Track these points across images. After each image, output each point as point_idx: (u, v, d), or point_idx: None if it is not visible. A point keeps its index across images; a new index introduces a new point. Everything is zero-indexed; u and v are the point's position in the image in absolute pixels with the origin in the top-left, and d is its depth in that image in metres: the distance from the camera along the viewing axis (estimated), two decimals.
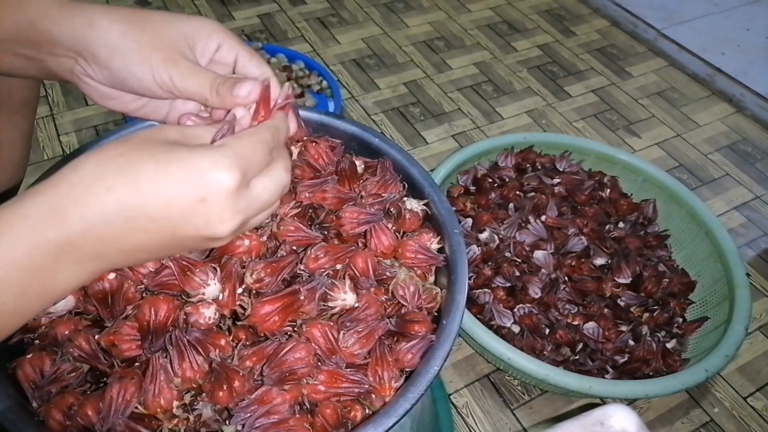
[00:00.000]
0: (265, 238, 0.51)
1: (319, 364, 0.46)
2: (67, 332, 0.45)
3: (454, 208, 0.91)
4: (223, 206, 0.33)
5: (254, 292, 0.48)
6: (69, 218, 0.30)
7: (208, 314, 0.45)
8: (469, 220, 1.06)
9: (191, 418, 0.43)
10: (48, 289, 0.31)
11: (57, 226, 0.30)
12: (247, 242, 0.49)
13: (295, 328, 0.47)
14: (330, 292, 0.48)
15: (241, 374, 0.43)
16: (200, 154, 0.32)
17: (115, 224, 0.31)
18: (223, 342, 0.45)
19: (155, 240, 0.33)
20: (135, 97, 0.43)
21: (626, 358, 0.94)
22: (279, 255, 0.50)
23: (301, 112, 0.62)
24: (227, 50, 0.42)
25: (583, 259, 1.01)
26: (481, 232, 1.03)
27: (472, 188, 1.13)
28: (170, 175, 0.31)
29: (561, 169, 1.16)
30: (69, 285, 0.32)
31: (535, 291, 0.96)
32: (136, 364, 0.45)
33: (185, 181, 0.31)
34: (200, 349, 0.43)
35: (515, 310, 0.95)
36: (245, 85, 0.38)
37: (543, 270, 0.99)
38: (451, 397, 0.97)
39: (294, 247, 0.51)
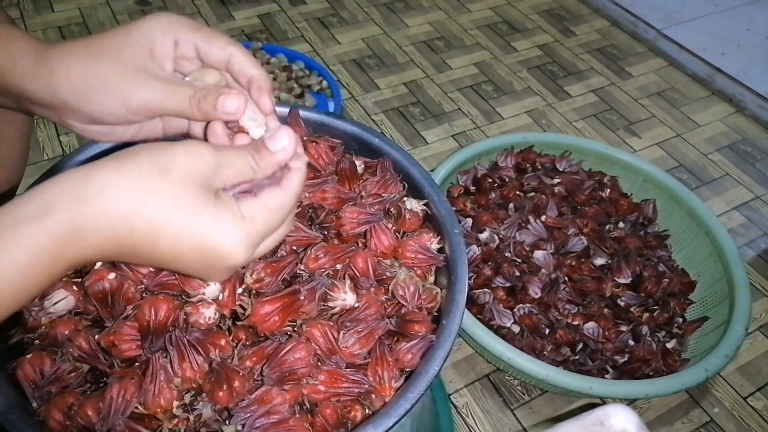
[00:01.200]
0: None
1: (319, 364, 0.46)
2: (67, 332, 0.45)
3: (454, 208, 0.91)
4: (225, 272, 0.36)
5: (254, 292, 0.48)
6: (87, 243, 0.31)
7: (208, 314, 0.45)
8: (469, 220, 1.06)
9: (191, 418, 0.43)
10: (38, 284, 0.32)
11: (76, 249, 0.31)
12: None
13: (295, 328, 0.47)
14: (330, 292, 0.48)
15: (241, 374, 0.43)
16: (222, 228, 0.33)
17: (123, 254, 0.33)
18: (223, 342, 0.45)
19: (154, 266, 0.36)
20: (126, 127, 0.41)
21: (626, 358, 0.94)
22: (279, 255, 0.50)
23: (301, 112, 0.62)
24: (185, 43, 0.39)
25: (583, 259, 1.01)
26: (481, 232, 1.03)
27: (472, 188, 1.13)
28: (189, 241, 0.33)
29: (561, 169, 1.16)
30: (58, 277, 0.33)
31: (535, 291, 0.96)
32: (136, 364, 0.45)
33: (202, 253, 0.34)
34: (200, 349, 0.43)
35: (515, 310, 0.95)
36: (230, 101, 0.37)
37: (543, 270, 0.99)
38: (451, 397, 0.97)
39: (294, 247, 0.51)
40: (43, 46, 0.38)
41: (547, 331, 0.95)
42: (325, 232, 0.54)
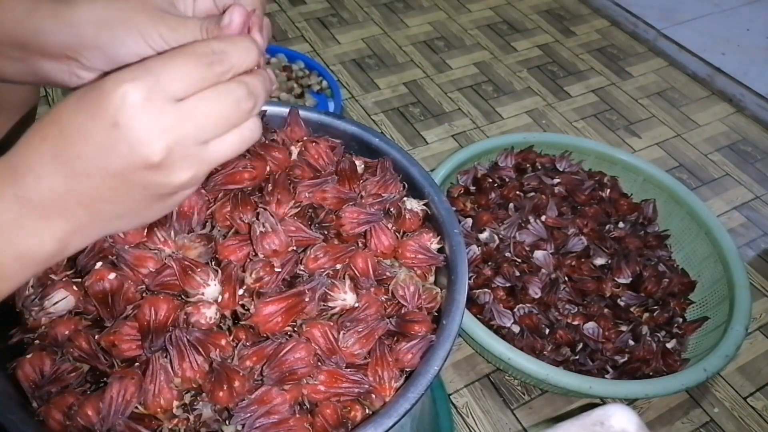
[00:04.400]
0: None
1: (319, 364, 0.46)
2: (67, 332, 0.45)
3: (454, 208, 0.91)
4: (138, 124, 0.29)
5: (256, 292, 0.48)
6: (20, 172, 0.31)
7: (209, 314, 0.45)
8: (469, 220, 1.06)
9: (191, 418, 0.43)
10: (22, 249, 0.31)
11: (12, 182, 0.31)
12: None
13: (295, 328, 0.47)
14: (330, 292, 0.48)
15: (241, 374, 0.43)
16: (108, 77, 0.31)
17: (58, 173, 0.31)
18: (223, 342, 0.45)
19: (104, 185, 0.31)
20: None
21: (626, 358, 0.94)
22: None
23: (301, 112, 0.62)
24: None
25: (583, 259, 1.02)
26: (481, 232, 1.03)
27: (472, 188, 1.13)
28: (84, 109, 0.30)
29: (561, 169, 1.16)
30: (45, 244, 0.32)
31: (535, 291, 0.96)
32: (136, 364, 0.45)
33: (94, 109, 0.30)
34: (200, 349, 0.43)
35: (515, 310, 0.95)
36: (227, 14, 0.36)
37: (543, 270, 0.99)
38: (451, 397, 0.97)
39: (294, 247, 0.51)
40: None
41: (547, 331, 0.95)
42: (325, 232, 0.54)
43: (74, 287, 0.47)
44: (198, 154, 0.32)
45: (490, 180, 1.11)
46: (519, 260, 1.00)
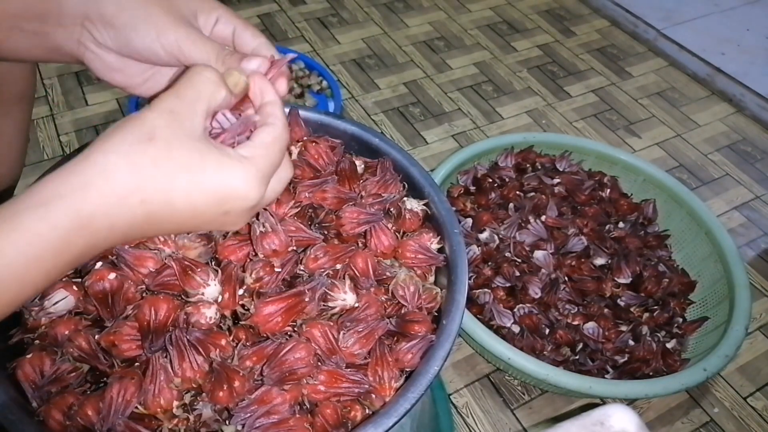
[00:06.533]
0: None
1: (319, 364, 0.46)
2: (67, 332, 0.45)
3: (454, 208, 0.91)
4: (243, 217, 0.36)
5: (256, 292, 0.48)
6: (97, 226, 0.31)
7: (209, 314, 0.45)
8: (469, 220, 1.06)
9: (191, 418, 0.43)
10: (58, 260, 0.32)
11: (87, 236, 0.31)
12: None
13: (295, 328, 0.47)
14: (330, 292, 0.48)
15: (241, 374, 0.43)
16: (231, 172, 0.34)
17: (139, 228, 0.33)
18: (223, 342, 0.45)
19: (167, 230, 0.35)
20: (140, 71, 0.42)
21: (626, 358, 0.94)
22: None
23: (301, 112, 0.62)
24: (224, 23, 0.42)
25: (583, 259, 1.01)
26: (481, 232, 1.03)
27: (472, 188, 1.13)
28: (202, 193, 0.33)
29: (561, 169, 1.16)
30: (75, 260, 0.33)
31: (535, 291, 0.96)
32: (136, 364, 0.45)
33: (215, 199, 0.34)
34: (200, 349, 0.43)
35: (515, 310, 0.95)
36: (254, 60, 0.39)
37: (543, 270, 0.99)
38: (451, 397, 0.97)
39: (294, 247, 0.51)
40: None
41: (547, 331, 0.95)
42: (325, 232, 0.54)
43: (74, 287, 0.47)
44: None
45: (490, 180, 1.11)
46: (519, 260, 1.00)
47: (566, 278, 1.00)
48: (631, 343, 0.95)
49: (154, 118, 0.33)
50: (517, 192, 1.10)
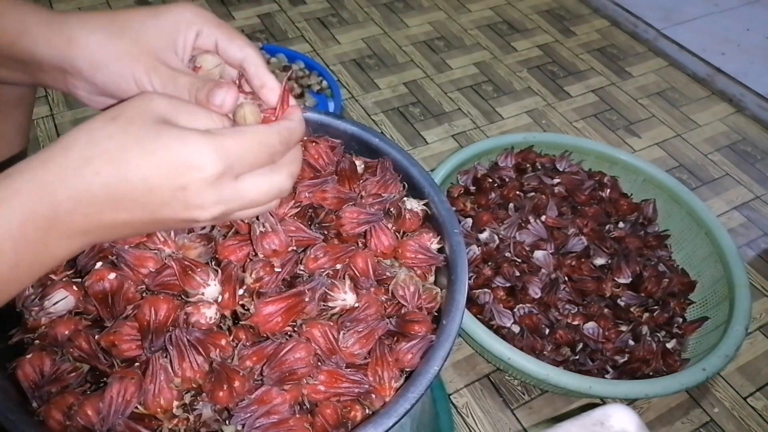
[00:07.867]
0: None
1: (319, 364, 0.46)
2: (67, 332, 0.45)
3: (454, 208, 0.91)
4: (203, 194, 0.34)
5: (256, 292, 0.48)
6: (58, 197, 0.32)
7: (209, 314, 0.45)
8: (469, 220, 1.06)
9: (191, 418, 0.43)
10: (40, 259, 0.33)
11: (47, 203, 0.31)
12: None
13: (295, 328, 0.47)
14: (330, 292, 0.48)
15: (241, 374, 0.43)
16: (185, 141, 0.33)
17: (100, 204, 0.33)
18: (223, 342, 0.45)
19: (137, 218, 0.34)
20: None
21: (626, 358, 0.94)
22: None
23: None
24: (206, 36, 0.41)
25: (583, 259, 1.01)
26: (481, 232, 1.03)
27: (472, 188, 1.13)
28: (154, 165, 0.32)
29: (561, 169, 1.16)
30: (59, 256, 0.34)
31: (535, 291, 0.96)
32: (136, 364, 0.45)
33: (168, 170, 0.32)
34: (200, 349, 0.43)
35: (515, 310, 0.95)
36: (218, 94, 0.37)
37: (543, 270, 0.99)
38: (451, 397, 0.97)
39: (294, 247, 0.51)
40: (57, 14, 0.39)
41: (547, 331, 0.95)
42: (325, 232, 0.54)
43: (74, 287, 0.47)
44: (229, 216, 0.37)
45: (490, 180, 1.11)
46: (519, 260, 1.00)
47: (566, 278, 1.00)
48: (631, 343, 0.95)
49: (131, 100, 0.34)
50: (517, 192, 1.10)
